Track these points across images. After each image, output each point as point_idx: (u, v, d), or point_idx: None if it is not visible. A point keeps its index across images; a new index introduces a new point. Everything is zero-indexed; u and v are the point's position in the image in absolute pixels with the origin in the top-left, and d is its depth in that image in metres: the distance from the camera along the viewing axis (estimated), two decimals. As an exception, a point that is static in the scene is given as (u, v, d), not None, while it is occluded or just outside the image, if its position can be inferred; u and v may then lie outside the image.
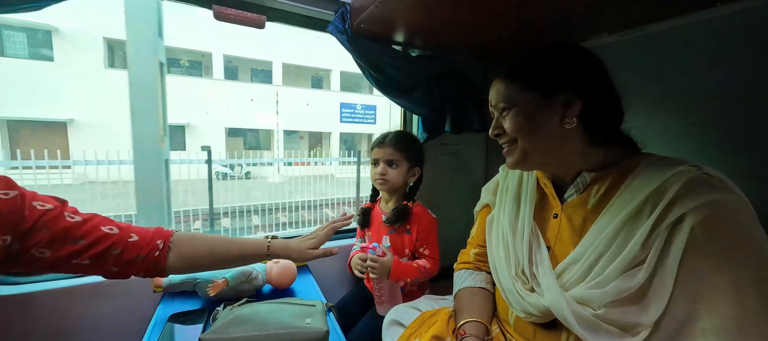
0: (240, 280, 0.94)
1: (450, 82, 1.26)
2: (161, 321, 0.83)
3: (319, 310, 0.82)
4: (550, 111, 0.60)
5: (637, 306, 0.51)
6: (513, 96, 0.63)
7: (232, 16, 0.99)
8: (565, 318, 0.56)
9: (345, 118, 12.74)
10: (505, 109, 0.64)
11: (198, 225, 4.96)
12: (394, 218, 1.10)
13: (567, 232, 0.63)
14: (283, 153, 11.38)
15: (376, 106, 12.99)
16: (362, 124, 13.09)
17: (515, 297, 0.66)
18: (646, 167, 0.56)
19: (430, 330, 0.75)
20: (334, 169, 9.48)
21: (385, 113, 12.36)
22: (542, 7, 0.82)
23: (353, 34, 1.03)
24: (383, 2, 0.85)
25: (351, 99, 12.98)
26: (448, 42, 1.15)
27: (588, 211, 0.61)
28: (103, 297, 0.99)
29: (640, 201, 0.52)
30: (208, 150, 4.43)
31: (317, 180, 6.44)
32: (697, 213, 0.47)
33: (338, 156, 11.53)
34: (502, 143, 0.68)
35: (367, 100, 13.13)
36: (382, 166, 1.11)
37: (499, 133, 0.67)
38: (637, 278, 0.51)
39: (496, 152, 1.53)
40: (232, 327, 0.72)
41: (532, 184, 0.73)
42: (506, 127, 0.64)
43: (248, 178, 10.31)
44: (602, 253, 0.55)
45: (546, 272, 0.62)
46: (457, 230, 1.43)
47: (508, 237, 0.71)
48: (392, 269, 0.99)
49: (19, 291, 0.91)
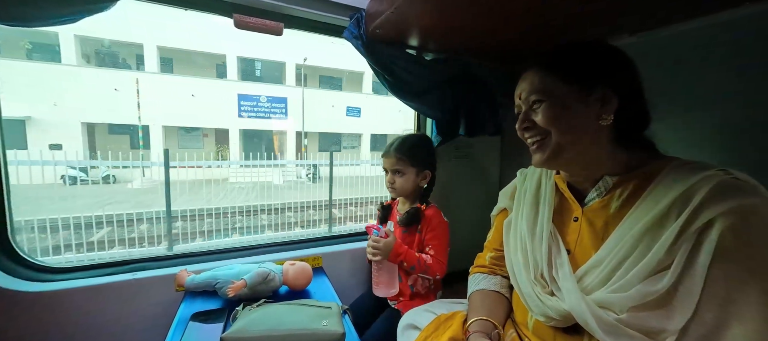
0: (258, 282, 0.96)
1: (464, 84, 1.26)
2: (184, 320, 0.86)
3: (335, 312, 0.83)
4: (587, 105, 0.58)
5: (662, 312, 0.50)
6: (549, 87, 0.60)
7: (251, 24, 1.03)
8: (587, 322, 0.55)
9: (246, 112, 11.02)
10: (538, 101, 0.61)
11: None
12: (406, 220, 1.11)
13: (588, 236, 0.62)
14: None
15: (286, 99, 11.56)
16: (268, 118, 11.50)
17: (535, 301, 0.65)
18: (672, 171, 0.55)
19: (446, 333, 0.75)
20: (233, 172, 8.23)
21: (297, 106, 11.43)
22: (558, 9, 0.82)
23: (368, 39, 1.05)
24: (398, 7, 0.86)
25: (254, 90, 11.20)
26: (463, 45, 1.15)
27: (610, 215, 0.60)
28: (129, 295, 1.04)
29: (666, 205, 0.51)
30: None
31: (209, 185, 5.73)
32: (726, 217, 0.46)
33: (240, 157, 10.19)
34: (529, 139, 0.65)
35: (276, 91, 11.54)
36: (390, 175, 1.14)
37: (529, 127, 0.64)
38: (661, 282, 0.49)
39: (511, 155, 1.52)
40: (251, 326, 0.74)
41: (551, 188, 0.72)
42: (538, 120, 0.61)
43: (108, 183, 8.59)
44: (625, 257, 0.54)
45: (566, 276, 0.61)
46: (472, 233, 1.41)
47: (526, 240, 0.71)
48: (394, 249, 1.01)
49: (51, 288, 0.96)
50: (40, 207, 3.86)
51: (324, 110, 12.41)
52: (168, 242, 3.75)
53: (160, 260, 1.13)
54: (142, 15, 9.82)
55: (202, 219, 4.81)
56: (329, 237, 1.42)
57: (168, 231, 3.73)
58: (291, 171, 10.50)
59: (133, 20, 9.86)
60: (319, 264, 1.23)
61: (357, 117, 12.95)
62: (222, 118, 11.01)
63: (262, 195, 5.87)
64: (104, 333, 1.01)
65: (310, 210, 5.60)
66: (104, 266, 1.07)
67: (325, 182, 7.79)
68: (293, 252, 1.27)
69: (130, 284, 1.03)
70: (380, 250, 1.00)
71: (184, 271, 1.02)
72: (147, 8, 6.55)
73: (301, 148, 12.05)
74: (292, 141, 12.42)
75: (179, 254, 1.17)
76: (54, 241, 3.59)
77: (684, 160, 0.57)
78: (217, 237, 4.73)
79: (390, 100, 12.17)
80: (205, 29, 10.51)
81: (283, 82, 12.70)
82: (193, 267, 1.09)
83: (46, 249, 3.53)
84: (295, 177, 10.24)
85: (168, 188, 3.72)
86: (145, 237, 4.14)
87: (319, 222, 5.66)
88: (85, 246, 3.82)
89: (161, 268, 1.09)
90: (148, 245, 4.13)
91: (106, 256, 3.31)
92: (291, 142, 12.43)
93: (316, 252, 1.27)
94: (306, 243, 1.35)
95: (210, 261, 1.17)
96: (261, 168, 5.93)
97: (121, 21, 9.56)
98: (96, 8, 0.74)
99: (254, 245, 1.28)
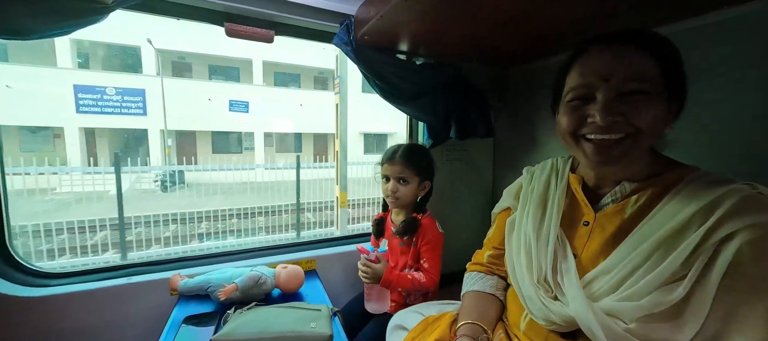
0: (249, 285, 0.98)
1: (455, 88, 1.28)
2: (177, 323, 0.88)
3: (324, 314, 0.84)
4: (668, 108, 0.54)
5: (672, 324, 0.49)
6: (653, 77, 0.52)
7: (243, 32, 1.05)
8: (591, 329, 0.53)
9: (87, 107, 9.03)
10: (643, 93, 0.52)
11: None
12: (402, 230, 1.10)
13: (598, 241, 0.60)
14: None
15: (144, 90, 9.51)
16: (118, 115, 9.43)
17: (537, 305, 0.63)
18: (694, 181, 0.53)
19: (432, 335, 0.75)
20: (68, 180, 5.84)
21: (155, 99, 9.21)
22: (547, 15, 0.83)
23: (358, 45, 1.07)
24: (384, 15, 0.88)
25: (97, 80, 9.05)
26: (452, 49, 1.17)
27: (624, 221, 0.58)
28: (125, 299, 1.05)
29: (687, 215, 0.50)
30: None
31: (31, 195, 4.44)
32: (748, 232, 0.45)
33: (81, 162, 8.46)
34: (606, 134, 0.55)
35: (131, 82, 9.45)
36: (393, 183, 1.10)
37: (619, 122, 0.53)
38: (675, 293, 0.48)
39: (504, 157, 1.53)
40: (240, 329, 0.75)
41: (562, 190, 0.69)
42: (638, 115, 0.52)
43: None
44: (638, 266, 0.52)
45: (572, 281, 0.59)
46: (465, 235, 1.44)
47: (531, 242, 0.68)
48: (384, 277, 1.00)
49: (46, 293, 0.98)
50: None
51: (206, 106, 10.20)
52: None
53: (155, 264, 1.15)
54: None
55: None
56: (323, 240, 1.43)
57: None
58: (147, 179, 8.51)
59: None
60: (312, 268, 1.25)
61: (244, 112, 10.43)
62: (55, 114, 8.85)
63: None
64: (99, 336, 1.03)
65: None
66: (99, 271, 1.09)
67: (191, 189, 6.72)
68: (287, 255, 1.28)
69: (125, 288, 1.05)
70: (370, 277, 1.01)
71: (177, 275, 1.04)
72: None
73: (166, 150, 9.97)
74: (157, 142, 10.04)
75: (173, 258, 1.18)
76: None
77: (705, 171, 0.56)
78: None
79: (295, 93, 11.35)
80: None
81: (141, 71, 10.18)
82: (187, 271, 1.11)
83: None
84: (152, 185, 8.46)
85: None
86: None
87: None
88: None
89: (155, 272, 1.11)
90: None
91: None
92: (155, 143, 10.04)
93: (309, 256, 1.28)
94: (300, 246, 1.36)
95: (204, 265, 1.18)
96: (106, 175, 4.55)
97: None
98: (88, 21, 0.77)
99: (248, 249, 1.30)
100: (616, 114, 0.53)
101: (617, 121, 0.53)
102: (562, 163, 0.75)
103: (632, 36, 0.54)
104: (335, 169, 3.97)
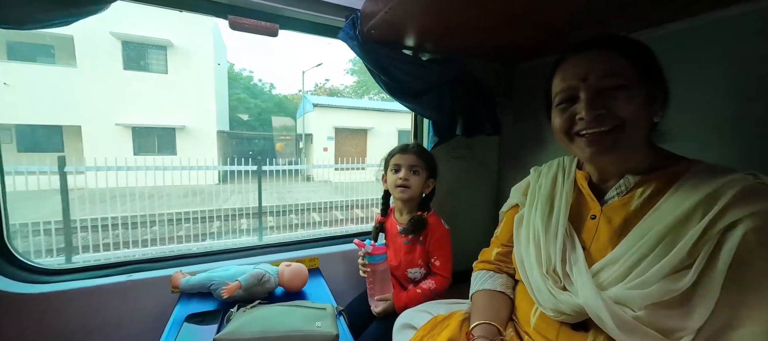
0: (253, 283, 0.96)
1: (461, 85, 1.26)
2: (179, 321, 0.86)
3: (329, 314, 0.82)
4: (651, 100, 0.59)
5: (681, 311, 0.50)
6: (629, 73, 0.57)
7: (246, 25, 1.03)
8: (600, 317, 0.54)
9: None
10: (622, 87, 0.57)
11: None
12: (410, 228, 1.10)
13: (605, 233, 0.62)
14: None
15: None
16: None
17: (546, 295, 0.64)
18: (697, 173, 0.55)
19: (442, 334, 0.74)
20: None
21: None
22: (556, 8, 0.81)
23: (364, 39, 1.05)
24: (393, 8, 0.86)
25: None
26: (459, 45, 1.15)
27: (631, 212, 0.60)
28: (126, 296, 1.04)
29: (691, 205, 0.52)
30: None
31: None
32: (751, 220, 0.46)
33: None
34: (595, 129, 0.59)
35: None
36: (405, 171, 1.12)
37: (602, 114, 0.57)
38: (683, 280, 0.49)
39: (509, 155, 1.51)
40: (244, 328, 0.73)
41: (569, 185, 0.71)
42: (620, 108, 0.56)
43: None
44: (645, 255, 0.54)
45: (581, 271, 0.60)
46: (471, 233, 1.42)
47: (540, 235, 0.70)
48: (396, 298, 1.05)
49: (46, 290, 0.96)
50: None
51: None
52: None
53: (156, 261, 1.13)
54: None
55: None
56: (327, 238, 1.41)
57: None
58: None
59: None
60: (316, 266, 1.23)
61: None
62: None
63: None
64: (99, 334, 1.01)
65: None
66: (100, 268, 1.07)
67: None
68: (290, 253, 1.27)
69: (126, 285, 1.03)
70: (383, 309, 1.05)
71: (179, 273, 1.01)
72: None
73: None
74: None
75: (175, 255, 1.17)
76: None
77: (709, 164, 0.57)
78: None
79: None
80: None
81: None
82: (189, 269, 1.09)
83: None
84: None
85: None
86: None
87: None
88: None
89: (157, 270, 1.09)
90: None
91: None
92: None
93: (313, 254, 1.27)
94: (303, 244, 1.35)
95: (206, 262, 1.17)
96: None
97: None
98: (88, 11, 0.75)
99: (251, 246, 1.28)
100: (599, 108, 0.58)
101: (601, 114, 0.58)
102: (569, 161, 0.77)
103: (601, 41, 0.61)
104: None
